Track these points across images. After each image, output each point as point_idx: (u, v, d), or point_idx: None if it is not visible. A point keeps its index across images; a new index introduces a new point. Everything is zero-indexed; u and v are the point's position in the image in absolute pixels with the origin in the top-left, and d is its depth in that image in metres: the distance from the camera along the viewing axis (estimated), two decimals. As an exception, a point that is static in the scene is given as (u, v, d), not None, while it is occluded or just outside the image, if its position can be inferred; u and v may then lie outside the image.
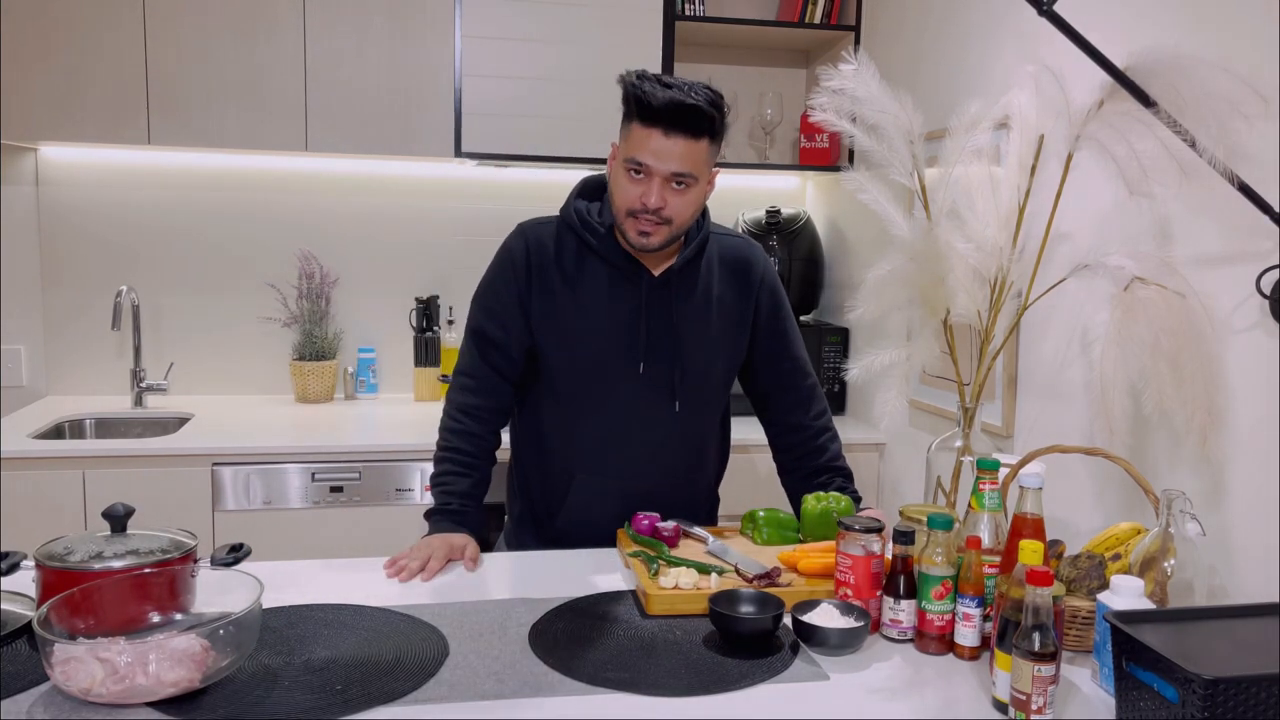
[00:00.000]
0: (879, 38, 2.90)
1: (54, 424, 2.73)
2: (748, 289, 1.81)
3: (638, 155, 1.59)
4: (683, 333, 1.72)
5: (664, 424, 1.74)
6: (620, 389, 1.72)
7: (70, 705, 1.13)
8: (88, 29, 2.61)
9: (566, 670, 1.27)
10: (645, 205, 1.60)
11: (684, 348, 1.72)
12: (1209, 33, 1.63)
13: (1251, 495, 1.55)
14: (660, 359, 1.72)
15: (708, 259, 1.78)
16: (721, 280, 1.79)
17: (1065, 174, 1.77)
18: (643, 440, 1.74)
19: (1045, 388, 2.07)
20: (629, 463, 1.75)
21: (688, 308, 1.73)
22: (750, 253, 1.84)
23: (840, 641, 1.34)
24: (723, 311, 1.78)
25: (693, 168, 1.60)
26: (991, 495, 1.41)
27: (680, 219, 1.65)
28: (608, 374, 1.71)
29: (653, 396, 1.73)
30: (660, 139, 1.57)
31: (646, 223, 1.63)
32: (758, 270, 1.83)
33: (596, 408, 1.73)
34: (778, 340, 1.85)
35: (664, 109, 1.56)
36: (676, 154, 1.58)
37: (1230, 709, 1.02)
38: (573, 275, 1.71)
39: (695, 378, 1.74)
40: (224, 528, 2.50)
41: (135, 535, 1.39)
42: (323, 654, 1.29)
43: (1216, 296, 1.59)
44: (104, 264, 3.00)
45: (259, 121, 2.71)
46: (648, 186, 1.60)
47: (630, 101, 1.60)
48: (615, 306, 1.71)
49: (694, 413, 1.77)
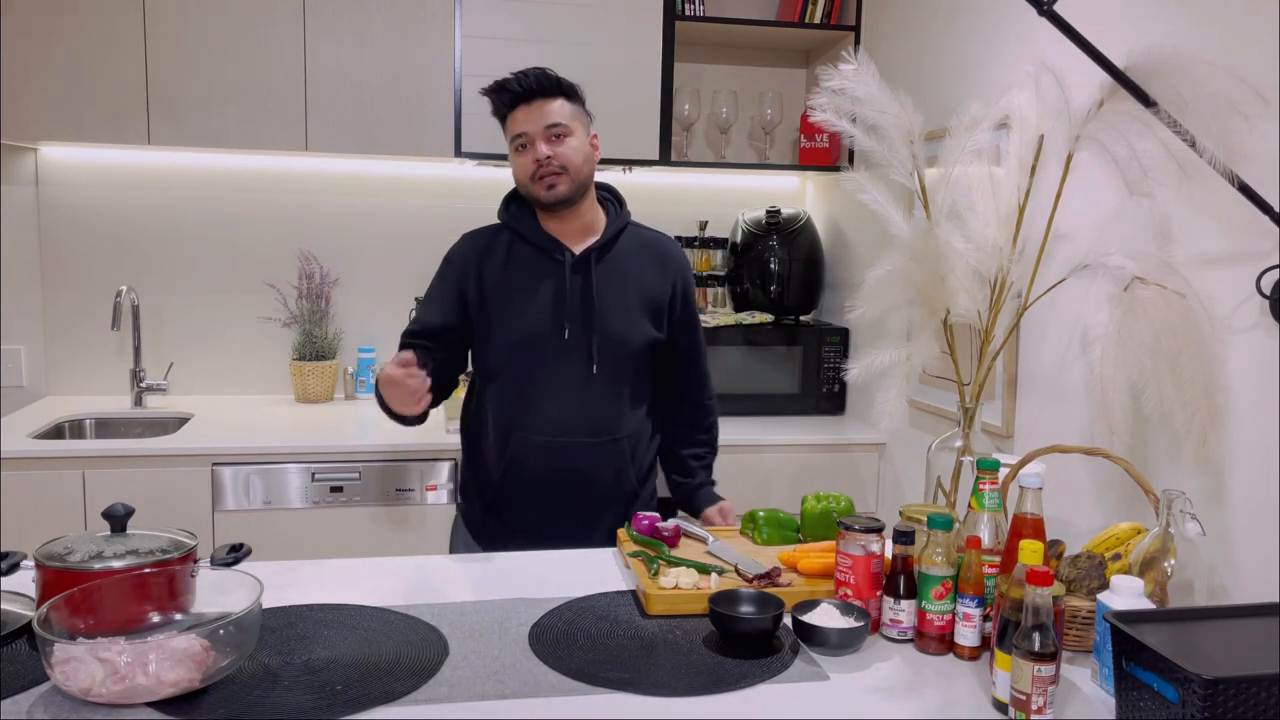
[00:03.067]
0: (879, 38, 2.90)
1: (54, 424, 2.73)
2: (664, 274, 1.99)
3: (515, 130, 1.86)
4: (601, 303, 1.91)
5: (584, 386, 1.91)
6: (548, 354, 1.90)
7: (70, 705, 1.13)
8: (88, 29, 2.60)
9: (566, 670, 1.27)
10: (537, 161, 1.84)
11: (602, 316, 1.90)
12: (1209, 33, 1.63)
13: (1251, 495, 1.55)
14: (582, 327, 1.90)
15: (627, 244, 1.98)
16: (640, 263, 1.97)
17: (1065, 174, 1.77)
18: (567, 400, 1.90)
19: (1045, 388, 2.07)
20: (556, 421, 1.90)
21: (606, 281, 1.92)
22: (669, 245, 2.05)
23: (840, 641, 1.34)
24: (640, 288, 1.95)
25: (560, 118, 1.85)
26: (991, 495, 1.41)
27: (573, 164, 1.85)
28: (536, 341, 1.90)
29: (574, 360, 1.90)
30: (523, 110, 1.85)
31: (547, 177, 1.84)
32: (675, 261, 2.02)
33: (528, 372, 1.91)
34: (687, 332, 2.03)
35: (514, 86, 1.85)
36: (540, 113, 1.84)
37: (1230, 709, 1.02)
38: (505, 262, 1.94)
39: (611, 344, 1.91)
40: (224, 528, 2.50)
41: (135, 535, 1.39)
42: (323, 654, 1.29)
43: (1216, 296, 1.59)
44: (104, 264, 3.00)
45: (259, 121, 2.71)
46: (533, 148, 1.85)
47: (495, 104, 1.88)
48: (542, 283, 1.91)
49: (611, 377, 1.92)
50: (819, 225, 3.22)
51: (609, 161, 2.91)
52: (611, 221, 1.97)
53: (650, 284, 1.96)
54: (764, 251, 3.07)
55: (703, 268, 3.17)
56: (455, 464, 2.60)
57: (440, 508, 2.60)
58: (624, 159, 2.90)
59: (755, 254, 3.09)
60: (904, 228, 1.83)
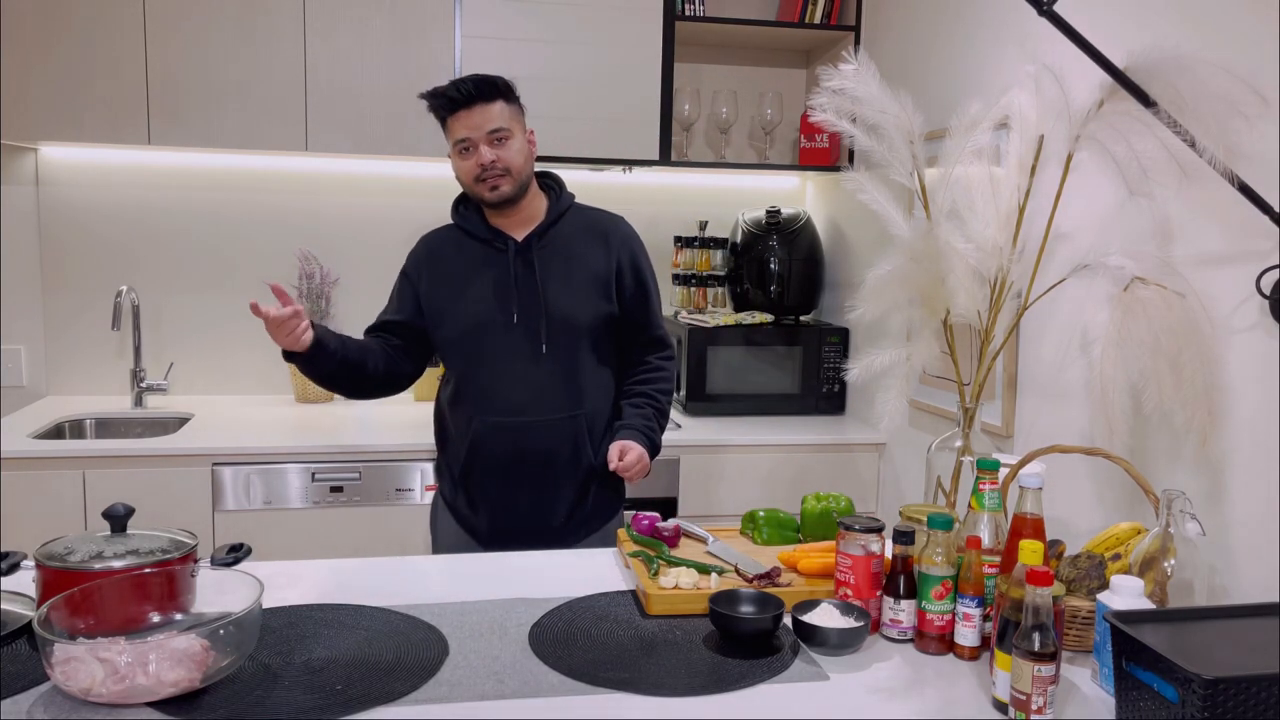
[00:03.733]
0: (879, 38, 2.90)
1: (54, 424, 2.73)
2: (608, 249, 2.04)
3: (457, 135, 1.92)
4: (545, 284, 1.98)
5: (536, 366, 1.98)
6: (500, 339, 1.98)
7: (70, 705, 1.13)
8: (88, 29, 2.60)
9: (566, 670, 1.27)
10: (481, 165, 1.91)
11: (546, 297, 1.97)
12: (1209, 33, 1.63)
13: (1251, 495, 1.55)
14: (529, 310, 1.97)
15: (570, 225, 2.04)
16: (582, 242, 2.03)
17: (1065, 174, 1.77)
18: (521, 382, 1.98)
19: (1045, 388, 2.07)
20: (513, 402, 1.98)
21: (551, 265, 2.00)
22: (612, 221, 2.09)
23: (840, 641, 1.34)
24: (584, 267, 2.01)
25: (502, 122, 1.91)
26: (991, 495, 1.41)
27: (515, 166, 1.93)
28: (486, 327, 1.98)
29: (525, 342, 1.98)
30: (464, 115, 1.91)
31: (491, 179, 1.92)
32: (618, 235, 2.07)
33: (483, 358, 1.99)
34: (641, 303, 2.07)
35: (453, 92, 1.90)
36: (482, 118, 1.90)
37: (1230, 709, 1.02)
38: (455, 257, 2.04)
39: (559, 324, 1.97)
40: (224, 528, 2.49)
41: (135, 535, 1.39)
42: (323, 654, 1.29)
43: (1216, 296, 1.59)
44: (104, 264, 3.00)
45: (259, 121, 2.71)
46: (477, 153, 1.91)
47: (436, 108, 1.94)
48: (489, 272, 2.00)
49: (561, 355, 1.98)
50: (819, 225, 3.22)
51: (609, 161, 2.91)
52: (552, 206, 2.04)
53: (595, 261, 2.02)
54: (764, 251, 3.07)
55: (703, 268, 3.17)
56: (455, 464, 2.60)
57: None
58: (624, 159, 2.90)
59: (755, 254, 3.09)
60: (904, 228, 1.83)
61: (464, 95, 1.90)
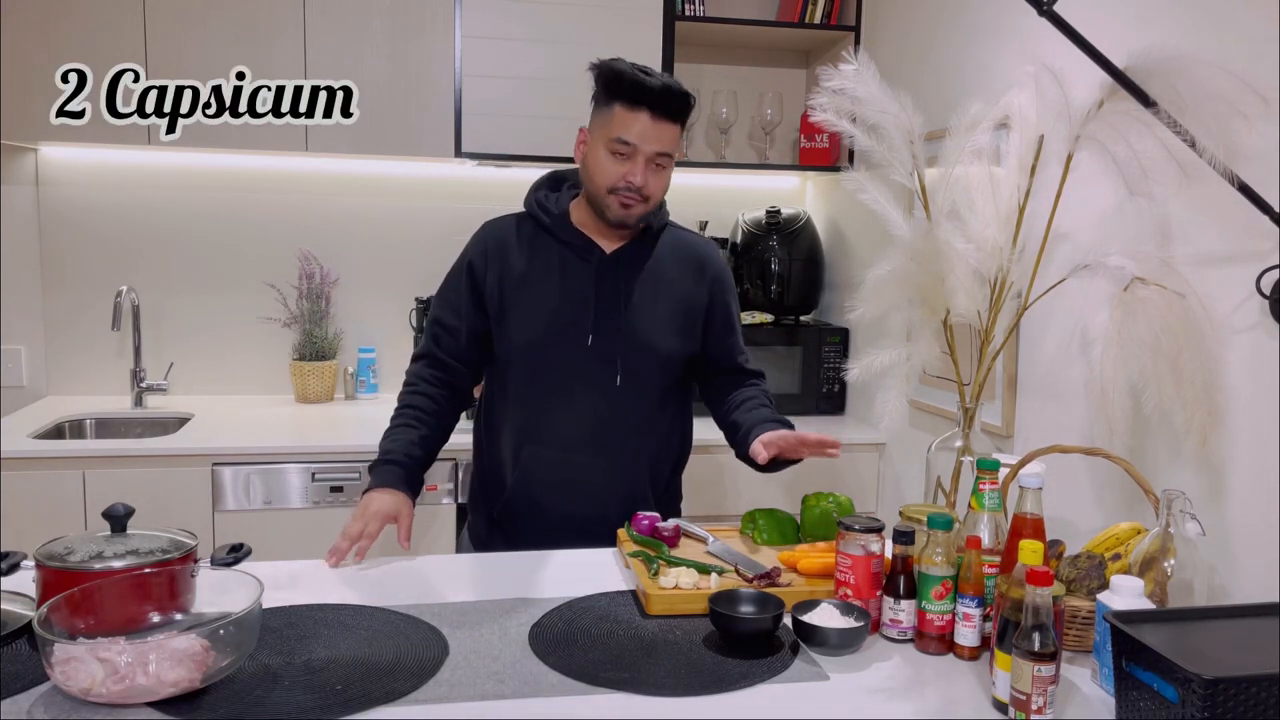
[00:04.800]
0: (879, 38, 2.90)
1: (54, 424, 2.73)
2: (701, 278, 1.86)
3: (624, 135, 1.69)
4: (631, 307, 1.78)
5: (605, 397, 1.78)
6: (569, 360, 1.77)
7: (70, 705, 1.13)
8: (88, 29, 2.60)
9: (566, 670, 1.27)
10: (630, 183, 1.70)
11: (631, 321, 1.78)
12: (1209, 33, 1.63)
13: (1251, 495, 1.55)
14: (607, 332, 1.77)
15: (663, 245, 1.85)
16: (675, 267, 1.85)
17: (1065, 174, 1.77)
18: (586, 412, 1.79)
19: (1045, 388, 2.07)
20: (574, 435, 1.79)
21: (637, 284, 1.80)
22: (707, 249, 1.91)
23: (840, 641, 1.34)
24: (673, 294, 1.83)
25: (671, 148, 1.72)
26: (991, 495, 1.41)
27: (656, 197, 1.76)
28: (557, 344, 1.77)
29: (598, 368, 1.77)
30: (648, 120, 1.68)
31: (629, 198, 1.72)
32: (713, 265, 1.89)
33: (546, 378, 1.79)
34: (725, 339, 1.90)
35: (658, 93, 1.68)
36: (662, 136, 1.70)
37: (1230, 709, 1.02)
38: (528, 256, 1.80)
39: (639, 352, 1.78)
40: (224, 528, 2.49)
41: (135, 535, 1.39)
42: (323, 654, 1.29)
43: (1216, 296, 1.59)
44: (104, 264, 3.00)
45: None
46: (633, 165, 1.70)
47: (617, 84, 1.69)
48: (567, 281, 1.78)
49: (635, 388, 1.79)
50: (819, 225, 3.22)
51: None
52: (650, 220, 1.83)
53: (686, 290, 1.84)
54: (764, 251, 3.07)
55: (703, 268, 3.17)
56: (456, 464, 2.60)
57: (441, 508, 2.60)
58: (624, 159, 2.90)
59: (755, 254, 3.09)
60: (904, 228, 1.83)
61: (660, 101, 1.67)
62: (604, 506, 1.80)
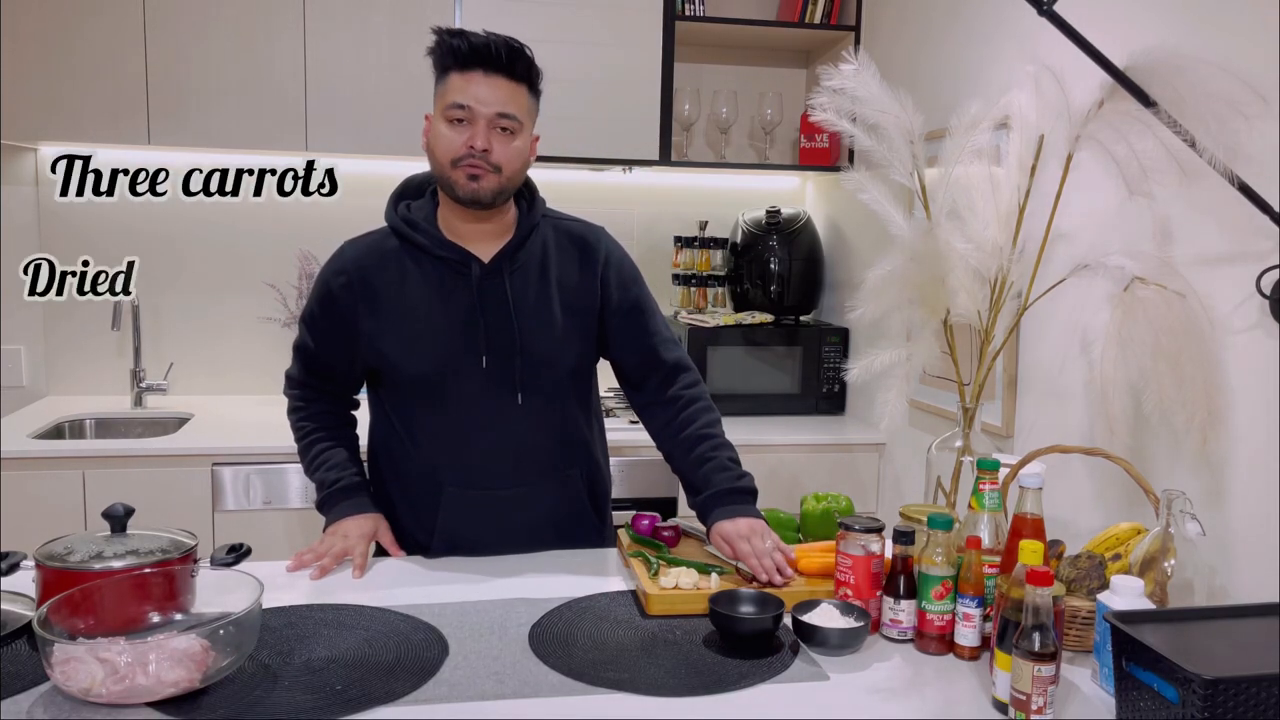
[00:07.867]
0: (879, 38, 2.90)
1: (54, 424, 2.73)
2: (590, 268, 1.68)
3: (459, 99, 1.53)
4: (522, 319, 1.62)
5: (512, 421, 1.63)
6: (465, 388, 1.62)
7: (70, 705, 1.13)
8: (88, 29, 2.60)
9: (566, 670, 1.27)
10: (472, 148, 1.53)
11: (525, 336, 1.61)
12: (1209, 33, 1.63)
13: (1251, 495, 1.55)
14: (502, 351, 1.61)
15: (544, 242, 1.68)
16: (561, 263, 1.67)
17: (1065, 174, 1.77)
18: (496, 441, 1.64)
19: (1045, 388, 2.07)
20: (489, 467, 1.65)
21: (526, 293, 1.63)
22: (591, 232, 1.73)
23: (840, 641, 1.34)
24: (565, 295, 1.66)
25: (516, 110, 1.56)
26: (991, 495, 1.41)
27: (509, 168, 1.57)
28: (451, 374, 1.61)
29: (497, 392, 1.62)
30: (481, 79, 1.53)
31: (474, 166, 1.54)
32: (600, 249, 1.71)
33: (445, 412, 1.63)
34: (633, 317, 1.72)
35: (483, 48, 1.53)
36: (499, 94, 1.54)
37: (1230, 709, 1.02)
38: (400, 281, 1.63)
39: (538, 367, 1.63)
40: (224, 528, 2.49)
41: (135, 535, 1.39)
42: (323, 654, 1.29)
43: (1216, 296, 1.59)
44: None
45: (259, 121, 2.71)
46: (473, 130, 1.54)
47: (446, 52, 1.56)
48: (449, 303, 1.61)
49: (543, 406, 1.65)
50: (819, 225, 3.22)
51: (609, 161, 2.91)
52: (523, 220, 1.66)
53: (574, 281, 1.67)
54: (764, 251, 3.08)
55: (703, 268, 3.17)
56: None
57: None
58: (624, 159, 2.90)
59: (755, 254, 3.09)
60: (904, 228, 1.83)
61: (489, 55, 1.53)
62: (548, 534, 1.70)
